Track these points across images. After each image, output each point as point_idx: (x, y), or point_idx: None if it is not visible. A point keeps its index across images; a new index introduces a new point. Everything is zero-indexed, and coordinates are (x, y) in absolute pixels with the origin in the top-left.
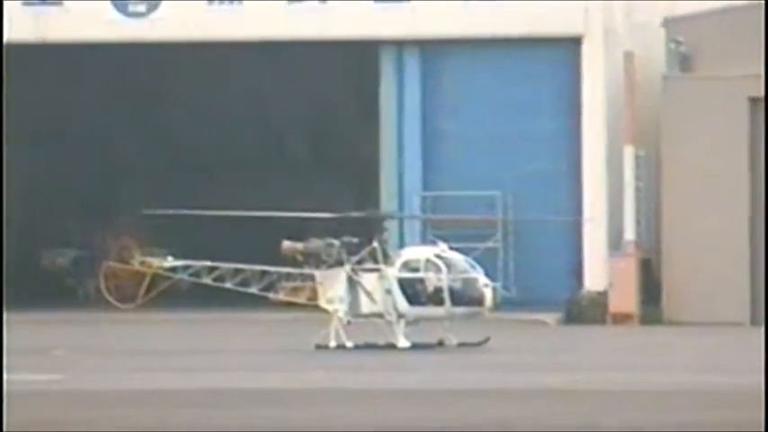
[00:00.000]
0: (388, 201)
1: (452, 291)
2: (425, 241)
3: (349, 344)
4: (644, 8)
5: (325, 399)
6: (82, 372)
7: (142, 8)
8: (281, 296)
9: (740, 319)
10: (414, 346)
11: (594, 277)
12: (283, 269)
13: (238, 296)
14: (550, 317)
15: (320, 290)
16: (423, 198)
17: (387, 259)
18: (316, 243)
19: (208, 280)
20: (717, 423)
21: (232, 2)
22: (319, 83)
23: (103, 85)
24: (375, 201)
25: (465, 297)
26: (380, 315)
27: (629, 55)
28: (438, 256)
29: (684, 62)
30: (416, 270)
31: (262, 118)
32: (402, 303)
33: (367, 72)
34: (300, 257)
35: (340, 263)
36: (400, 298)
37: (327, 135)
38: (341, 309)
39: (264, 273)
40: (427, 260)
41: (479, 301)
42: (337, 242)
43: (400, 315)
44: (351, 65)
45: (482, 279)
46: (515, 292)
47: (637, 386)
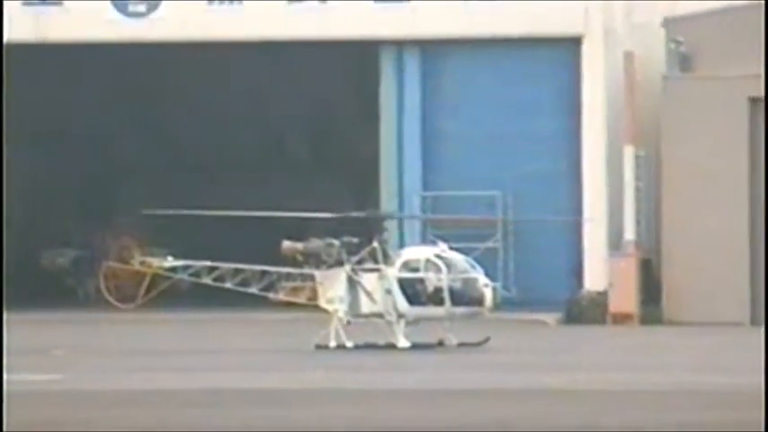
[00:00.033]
0: (388, 201)
1: (452, 291)
2: (425, 241)
3: (349, 344)
4: (644, 8)
5: (325, 399)
6: (82, 372)
7: (142, 8)
8: (281, 296)
9: (740, 319)
10: (414, 346)
11: (594, 277)
12: (283, 269)
13: (238, 296)
14: (550, 317)
15: (320, 290)
16: (423, 198)
17: (387, 259)
18: (316, 243)
19: (208, 280)
20: (716, 423)
21: (232, 2)
22: (319, 83)
23: (104, 86)
24: (375, 201)
25: (465, 297)
26: (380, 315)
27: (629, 55)
28: (438, 256)
29: (684, 62)
30: (416, 270)
31: (262, 118)
32: (402, 303)
33: (367, 72)
34: (300, 257)
35: (340, 263)
36: (400, 298)
37: (327, 135)
38: (341, 309)
39: (264, 273)
40: (427, 260)
41: (479, 301)
42: (337, 242)
43: (400, 315)
44: (351, 65)
45: (482, 279)
46: (515, 292)
47: (637, 386)
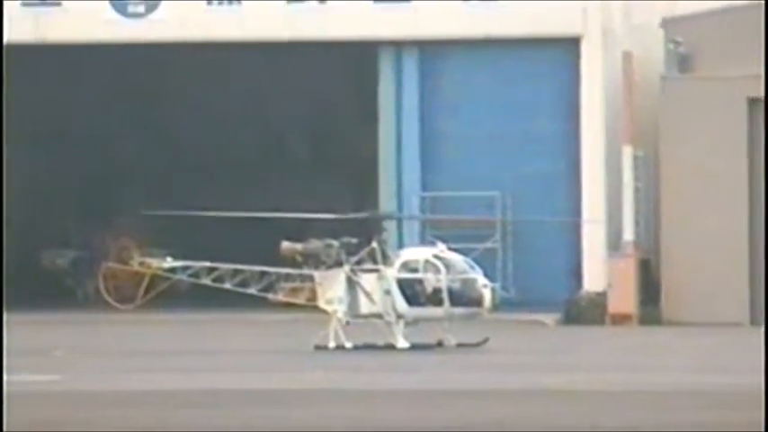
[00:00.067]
0: (387, 201)
1: (451, 291)
2: (424, 242)
3: (348, 344)
4: (642, 8)
5: (324, 399)
6: (81, 372)
7: (141, 9)
8: (281, 297)
9: (739, 320)
10: (413, 347)
11: (593, 278)
12: (282, 270)
13: (237, 297)
14: (549, 317)
15: (319, 290)
16: (422, 198)
17: (386, 260)
18: (315, 244)
19: (207, 281)
20: (716, 423)
21: (231, 2)
22: (318, 83)
23: (103, 86)
24: (374, 201)
25: (464, 298)
26: (379, 316)
27: (627, 55)
28: (437, 257)
29: (683, 62)
30: (415, 271)
31: (261, 118)
32: (401, 304)
33: (366, 72)
34: (299, 258)
35: (339, 263)
36: (399, 298)
37: (326, 135)
38: (340, 309)
39: (264, 273)
40: (426, 261)
41: (478, 302)
42: (336, 243)
43: (399, 316)
44: (350, 65)
45: (481, 280)
46: (514, 293)
47: (636, 387)
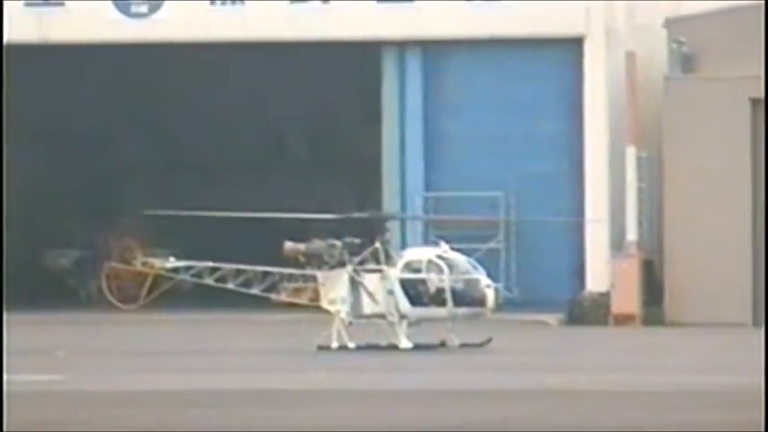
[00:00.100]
0: (391, 201)
1: (454, 291)
2: (427, 242)
3: (351, 345)
4: (646, 8)
5: (327, 399)
6: (83, 372)
7: (144, 9)
8: (283, 297)
9: (742, 320)
10: (416, 347)
11: (596, 278)
12: (285, 270)
13: (240, 297)
14: (552, 318)
15: (322, 291)
16: (425, 199)
17: (389, 260)
18: (318, 244)
19: (210, 281)
20: (717, 424)
21: (234, 2)
22: (321, 83)
23: (106, 86)
24: (377, 201)
25: (467, 298)
26: (382, 316)
27: (630, 55)
28: (440, 257)
29: (686, 63)
30: (418, 271)
31: (264, 118)
32: (404, 304)
33: (369, 72)
34: (302, 258)
35: (342, 264)
36: (402, 299)
37: (329, 135)
38: (343, 309)
39: (266, 273)
40: (429, 261)
41: (481, 302)
42: (339, 243)
43: (402, 316)
44: (353, 65)
45: (484, 280)
46: (517, 293)
47: (638, 387)
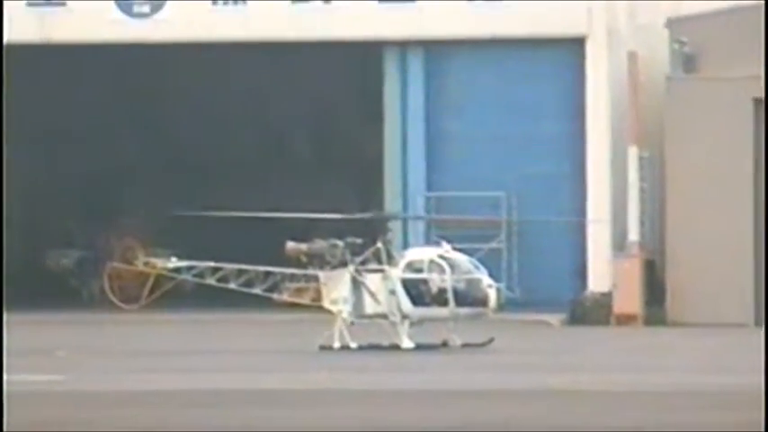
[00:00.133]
0: (392, 201)
1: (456, 291)
2: (429, 242)
3: (353, 345)
4: (647, 8)
5: (329, 399)
6: (85, 372)
7: (146, 9)
8: (285, 297)
9: (744, 321)
10: (418, 347)
11: (598, 278)
12: (287, 270)
13: (242, 297)
14: (554, 318)
15: (324, 291)
16: (427, 198)
17: (391, 260)
18: (320, 244)
19: (212, 281)
20: (719, 424)
21: (236, 2)
22: (323, 83)
23: (108, 86)
24: (379, 201)
25: (469, 298)
26: (384, 316)
27: (632, 55)
28: (442, 257)
29: (688, 63)
30: (420, 271)
31: (265, 118)
32: (406, 304)
33: (371, 72)
34: (304, 258)
35: (344, 263)
36: (404, 299)
37: (331, 136)
38: (345, 309)
39: (268, 273)
40: (431, 261)
41: (483, 302)
42: (341, 243)
43: (404, 316)
44: (354, 65)
45: (486, 280)
46: (519, 293)
47: (640, 387)
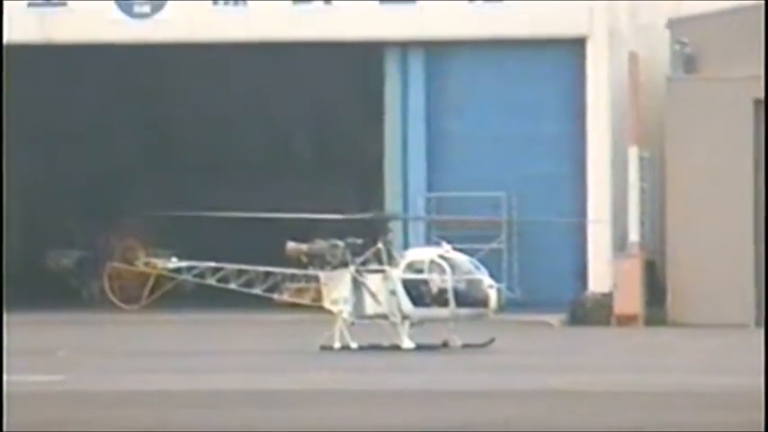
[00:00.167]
0: (393, 202)
1: (457, 292)
2: (430, 242)
3: (353, 345)
4: (648, 9)
5: (329, 400)
6: (85, 372)
7: (147, 9)
8: (286, 297)
9: (745, 321)
10: (418, 348)
11: (599, 279)
12: (288, 270)
13: (243, 297)
14: (555, 318)
15: (325, 291)
16: (427, 199)
17: (391, 260)
18: (320, 244)
19: (212, 281)
20: (719, 424)
21: (237, 3)
22: (324, 84)
23: (109, 86)
24: (379, 202)
25: (469, 298)
26: (385, 316)
27: (633, 56)
28: (442, 258)
29: (689, 63)
30: (421, 271)
31: (266, 119)
32: (406, 304)
33: (372, 73)
34: (305, 258)
35: (344, 264)
36: (405, 299)
37: (332, 136)
38: (345, 310)
39: (269, 274)
40: (431, 261)
41: (484, 303)
42: (342, 243)
43: (405, 316)
44: (355, 66)
45: (486, 280)
46: (520, 294)
47: (640, 387)
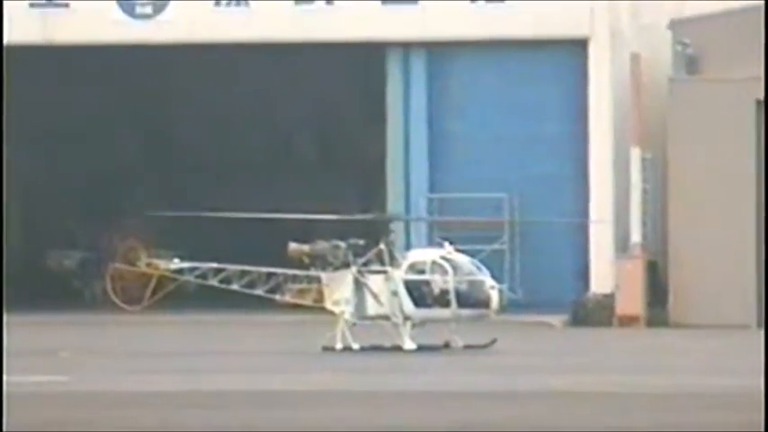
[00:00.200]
0: (395, 202)
1: (458, 293)
2: (432, 243)
3: (355, 346)
4: (650, 9)
5: (331, 401)
6: (87, 373)
7: (149, 10)
8: (288, 298)
9: (747, 322)
10: (420, 349)
11: (601, 279)
12: (290, 271)
13: (245, 298)
14: (557, 319)
15: (326, 292)
16: (429, 200)
17: (393, 261)
18: (322, 245)
19: (214, 282)
20: (720, 425)
21: (239, 3)
22: (326, 84)
23: (111, 87)
24: (381, 202)
25: (471, 299)
26: (387, 317)
27: (635, 57)
28: (444, 258)
29: (691, 64)
30: (422, 272)
31: (268, 119)
32: (408, 305)
33: (374, 73)
34: (307, 259)
35: (346, 265)
36: (406, 300)
37: (334, 137)
38: (347, 311)
39: (271, 275)
40: (433, 262)
41: (485, 304)
42: (344, 244)
43: (406, 317)
44: (357, 66)
45: (488, 281)
46: (522, 295)
47: (642, 388)
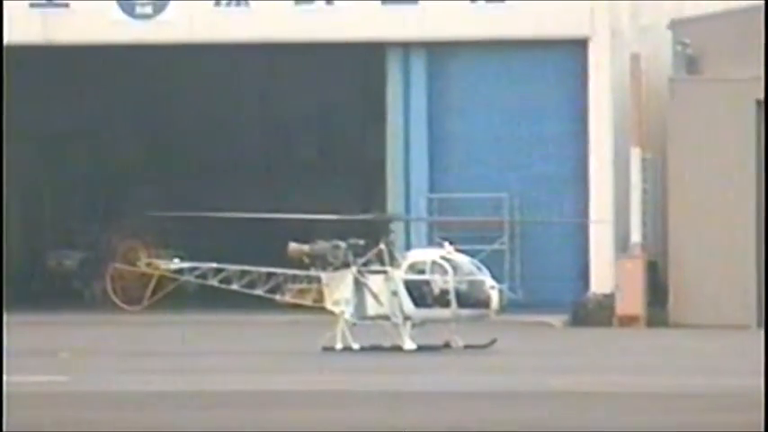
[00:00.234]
0: (395, 202)
1: (458, 293)
2: (432, 243)
3: (355, 346)
4: (650, 10)
5: (331, 400)
6: (87, 373)
7: (149, 10)
8: (288, 298)
9: (747, 322)
10: (420, 349)
11: (601, 279)
12: (290, 271)
13: (245, 298)
14: (557, 319)
15: (326, 292)
16: (429, 200)
17: (393, 261)
18: (322, 245)
19: (214, 282)
20: (720, 425)
21: (239, 3)
22: (326, 84)
23: (111, 86)
24: (381, 202)
25: (471, 299)
26: (386, 317)
27: (635, 57)
28: (444, 258)
29: (691, 64)
30: (422, 272)
31: (268, 119)
32: (408, 305)
33: (373, 74)
34: (307, 259)
35: (346, 265)
36: (406, 300)
37: (334, 137)
38: (347, 311)
39: (271, 275)
40: (433, 262)
41: (485, 304)
42: (344, 244)
43: (406, 317)
44: (357, 66)
45: (488, 281)
46: (521, 295)
47: (642, 389)
